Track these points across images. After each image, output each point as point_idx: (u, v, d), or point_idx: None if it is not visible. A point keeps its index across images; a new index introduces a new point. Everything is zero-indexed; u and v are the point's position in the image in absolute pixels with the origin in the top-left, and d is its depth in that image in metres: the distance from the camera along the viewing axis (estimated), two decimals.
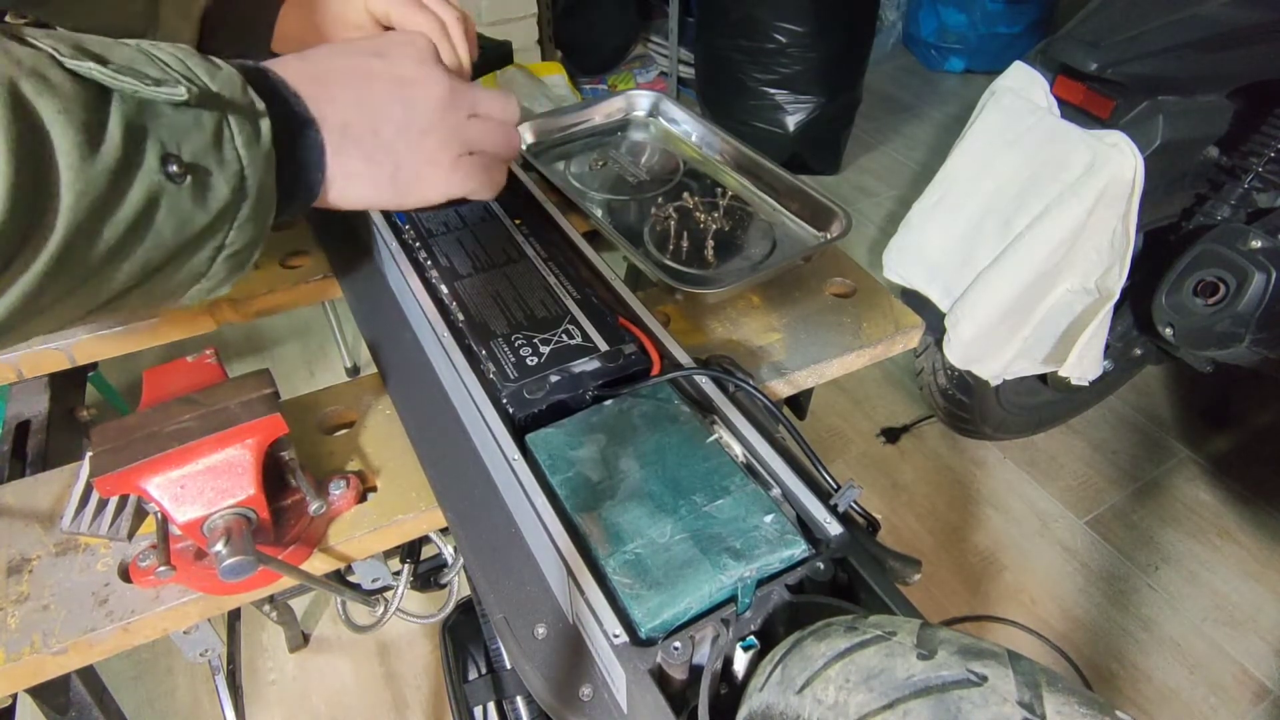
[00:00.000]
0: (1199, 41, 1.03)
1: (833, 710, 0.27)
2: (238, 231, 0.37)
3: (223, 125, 0.35)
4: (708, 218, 0.66)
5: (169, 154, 0.32)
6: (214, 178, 0.34)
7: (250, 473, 0.41)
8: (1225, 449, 1.63)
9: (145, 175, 0.31)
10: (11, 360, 0.58)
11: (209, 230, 0.35)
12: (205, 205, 0.34)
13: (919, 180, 2.38)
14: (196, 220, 0.34)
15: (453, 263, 0.55)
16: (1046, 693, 0.25)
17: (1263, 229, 1.01)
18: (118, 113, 0.31)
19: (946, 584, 1.41)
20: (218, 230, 0.36)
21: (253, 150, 0.36)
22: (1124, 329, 1.39)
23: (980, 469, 1.60)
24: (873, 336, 0.60)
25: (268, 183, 0.37)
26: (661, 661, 0.33)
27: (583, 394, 0.47)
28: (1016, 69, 1.12)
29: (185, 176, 0.33)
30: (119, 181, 0.31)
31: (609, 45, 2.66)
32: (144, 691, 1.25)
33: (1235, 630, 1.34)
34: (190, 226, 0.34)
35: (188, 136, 0.33)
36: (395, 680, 1.26)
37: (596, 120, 0.80)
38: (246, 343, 1.85)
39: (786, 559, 0.37)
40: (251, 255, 0.39)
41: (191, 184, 0.33)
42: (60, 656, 0.43)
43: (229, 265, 0.38)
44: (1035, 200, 1.06)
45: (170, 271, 0.35)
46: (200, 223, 0.34)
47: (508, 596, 0.41)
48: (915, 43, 3.07)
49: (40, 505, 0.49)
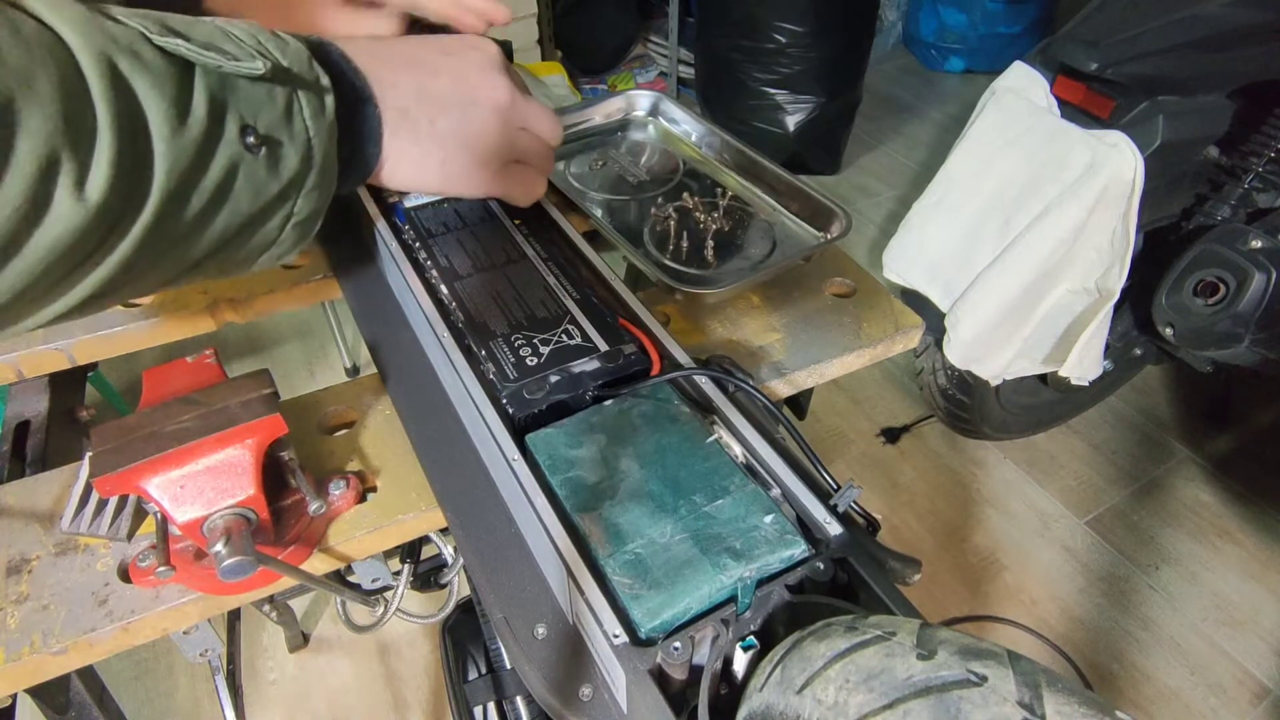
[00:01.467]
0: (1199, 41, 1.03)
1: (833, 710, 0.27)
2: (304, 200, 0.39)
3: (293, 99, 0.37)
4: (708, 218, 0.66)
5: (247, 125, 0.34)
6: (285, 148, 0.36)
7: (250, 473, 0.41)
8: (1225, 449, 1.63)
9: (226, 146, 0.33)
10: (11, 360, 0.58)
11: (280, 198, 0.37)
12: (278, 174, 0.36)
13: (919, 180, 2.38)
14: (270, 188, 0.36)
15: (453, 263, 0.55)
16: (1047, 693, 0.25)
17: (1263, 229, 1.01)
18: (202, 87, 0.32)
19: (946, 584, 1.41)
20: (288, 198, 0.38)
21: (319, 122, 0.38)
22: (1124, 329, 1.39)
23: (980, 469, 1.60)
24: (873, 336, 0.60)
25: (331, 153, 0.39)
26: (661, 662, 0.33)
27: (583, 394, 0.47)
28: (1016, 69, 1.12)
29: (260, 148, 0.35)
30: (204, 152, 0.32)
31: (609, 45, 2.66)
32: (144, 691, 1.25)
33: (1235, 630, 1.34)
34: (264, 194, 0.36)
35: (263, 109, 0.35)
36: (395, 680, 1.26)
37: (596, 120, 0.80)
38: (246, 343, 1.85)
39: (786, 559, 0.37)
40: (316, 222, 0.41)
41: (266, 154, 0.35)
42: (60, 656, 0.43)
43: (297, 233, 0.40)
44: (1035, 200, 1.06)
45: (246, 237, 0.37)
46: (273, 190, 0.36)
47: (508, 596, 0.41)
48: (915, 43, 3.07)
49: (40, 505, 0.49)
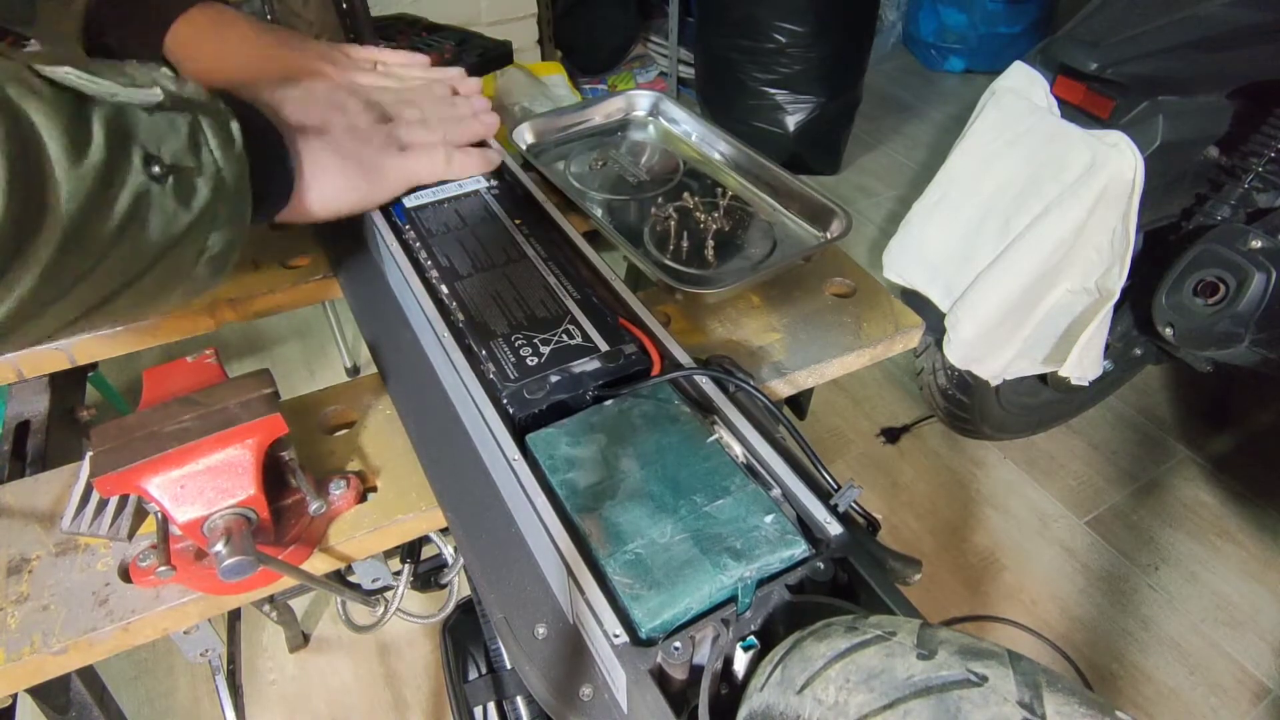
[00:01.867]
0: (1199, 41, 1.03)
1: (833, 710, 0.27)
2: (218, 234, 0.39)
3: (196, 128, 0.37)
4: (708, 218, 0.66)
5: (151, 155, 0.34)
6: (194, 179, 0.36)
7: (250, 473, 0.41)
8: (1225, 449, 1.63)
9: (132, 176, 0.33)
10: (11, 360, 0.58)
11: (192, 229, 0.37)
12: (188, 205, 0.36)
13: (919, 180, 2.38)
14: (181, 219, 0.36)
15: (453, 263, 0.55)
16: (1047, 693, 0.25)
17: (1263, 229, 1.01)
18: (99, 117, 0.32)
19: (946, 584, 1.41)
20: (200, 229, 0.37)
21: (227, 151, 0.38)
22: (1124, 329, 1.39)
23: (980, 469, 1.60)
24: (873, 336, 0.60)
25: (242, 184, 0.40)
26: (661, 661, 0.33)
27: (583, 394, 0.47)
28: (1016, 69, 1.12)
29: (168, 177, 0.35)
30: (108, 182, 0.32)
31: (609, 45, 2.66)
32: (144, 691, 1.25)
33: (1235, 630, 1.34)
34: (176, 225, 0.36)
35: (165, 139, 0.35)
36: (395, 680, 1.26)
37: (596, 120, 0.80)
38: (246, 343, 1.85)
39: (787, 559, 0.37)
40: (231, 256, 0.41)
41: (175, 185, 0.35)
42: (60, 656, 0.43)
43: (211, 267, 0.40)
44: (1035, 200, 1.06)
45: (160, 272, 0.37)
46: (184, 222, 0.36)
47: (508, 596, 0.41)
48: (915, 43, 3.06)
49: (40, 505, 0.49)
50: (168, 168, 0.34)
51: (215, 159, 0.37)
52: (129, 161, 0.33)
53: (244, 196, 0.40)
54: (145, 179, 0.33)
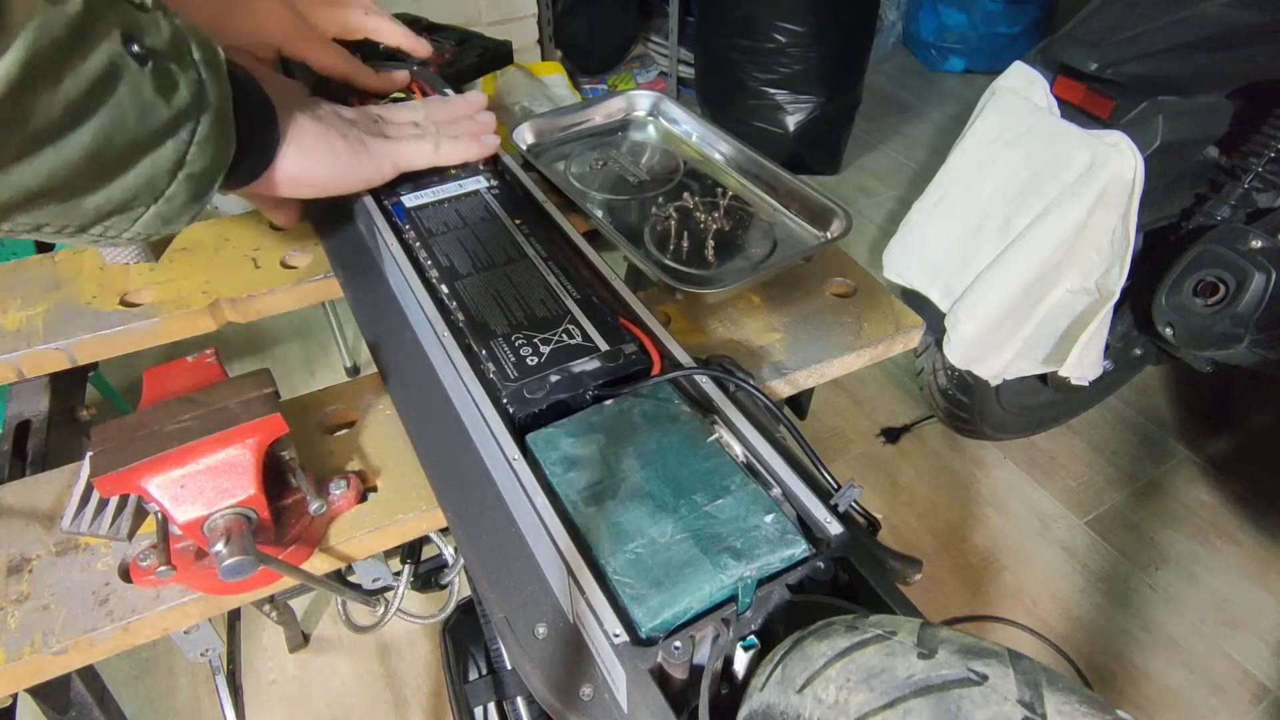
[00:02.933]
0: (1199, 41, 1.03)
1: (833, 709, 0.27)
2: (198, 148, 0.38)
3: (181, 37, 0.36)
4: (708, 218, 0.66)
5: (131, 35, 0.33)
6: (175, 75, 0.36)
7: (250, 472, 0.41)
8: (1225, 449, 1.63)
9: (108, 43, 0.32)
10: (12, 360, 0.58)
11: (170, 127, 0.36)
12: (168, 100, 0.35)
13: (919, 180, 2.38)
14: (159, 112, 0.35)
15: (453, 262, 0.55)
16: (1047, 692, 0.25)
17: (1263, 229, 1.01)
18: None
19: (946, 584, 1.41)
20: (180, 131, 0.37)
21: (211, 69, 0.38)
22: (1124, 329, 1.39)
23: (980, 469, 1.60)
24: (873, 336, 0.60)
25: (226, 109, 0.39)
26: (662, 661, 0.33)
27: (583, 394, 0.47)
28: (1016, 69, 1.12)
29: (147, 61, 0.34)
30: (81, 35, 0.31)
31: (609, 45, 2.66)
32: (144, 691, 1.25)
33: (1235, 630, 1.34)
34: (152, 116, 0.35)
35: (148, 31, 0.34)
36: (395, 680, 1.26)
37: (596, 120, 0.80)
38: (246, 343, 1.85)
39: (787, 559, 0.37)
40: (212, 183, 0.40)
41: (154, 71, 0.34)
42: (60, 656, 0.43)
43: (188, 187, 0.38)
44: (1035, 200, 1.06)
45: (130, 162, 0.35)
46: (162, 115, 0.35)
47: (508, 596, 0.41)
48: (915, 43, 3.06)
49: (40, 505, 0.49)
50: (148, 50, 0.34)
51: (197, 66, 0.37)
52: (107, 25, 0.32)
53: (227, 120, 0.39)
54: (122, 50, 0.33)
